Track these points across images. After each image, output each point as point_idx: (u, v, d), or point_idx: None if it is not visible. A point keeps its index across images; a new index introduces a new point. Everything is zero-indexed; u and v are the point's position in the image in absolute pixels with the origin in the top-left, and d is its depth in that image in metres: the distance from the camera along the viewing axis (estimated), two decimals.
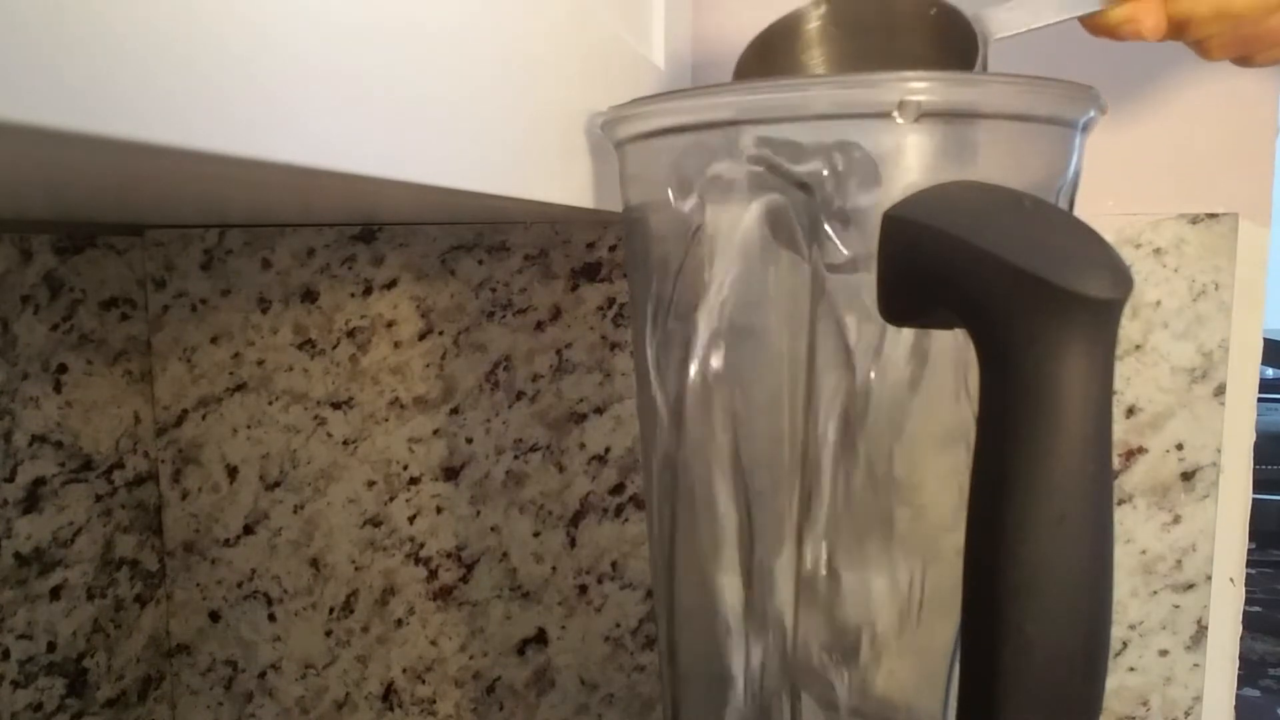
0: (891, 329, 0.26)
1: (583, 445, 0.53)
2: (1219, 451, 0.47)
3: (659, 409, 0.34)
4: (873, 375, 0.30)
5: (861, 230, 0.27)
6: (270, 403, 0.55)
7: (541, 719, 0.55)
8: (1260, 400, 0.48)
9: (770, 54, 0.37)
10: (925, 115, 0.26)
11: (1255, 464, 0.48)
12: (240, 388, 0.55)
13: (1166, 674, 0.49)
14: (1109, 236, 0.47)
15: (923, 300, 0.24)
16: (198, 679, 0.57)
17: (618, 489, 0.53)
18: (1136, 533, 0.48)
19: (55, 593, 0.49)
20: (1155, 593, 0.48)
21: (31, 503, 0.48)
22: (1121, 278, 0.21)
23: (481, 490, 0.54)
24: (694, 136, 0.30)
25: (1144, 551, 0.48)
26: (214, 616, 0.57)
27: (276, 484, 0.55)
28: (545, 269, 0.52)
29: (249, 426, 0.55)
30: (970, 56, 0.33)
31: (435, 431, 0.54)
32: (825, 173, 0.28)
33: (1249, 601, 0.49)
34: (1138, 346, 0.47)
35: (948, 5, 0.35)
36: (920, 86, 0.26)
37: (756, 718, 0.33)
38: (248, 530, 0.56)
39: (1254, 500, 0.48)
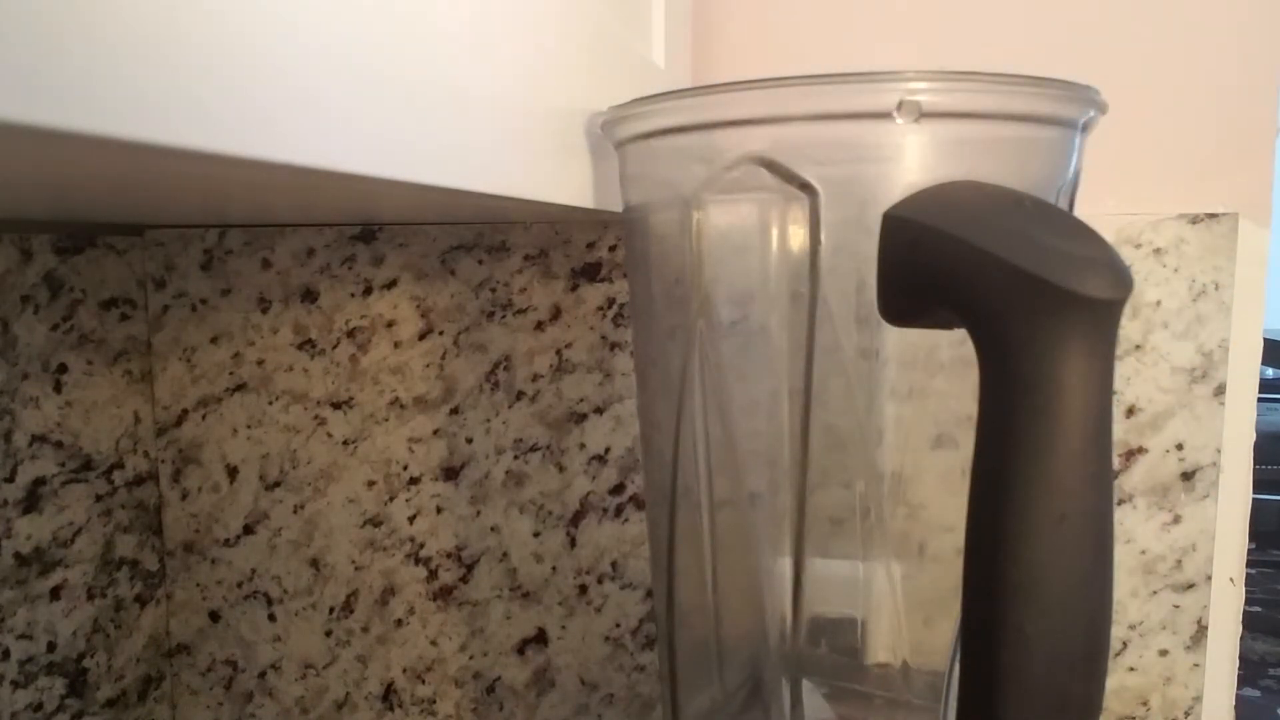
0: (890, 328, 0.26)
1: (583, 445, 0.53)
2: (1219, 451, 0.47)
3: (659, 409, 0.34)
4: (872, 375, 0.30)
5: (861, 232, 0.27)
6: (270, 403, 0.55)
7: (541, 719, 0.55)
8: (1260, 400, 0.48)
9: None
10: (925, 115, 0.26)
11: (1255, 464, 0.48)
12: (240, 388, 0.55)
13: (1166, 674, 0.49)
14: (1109, 236, 0.47)
15: (923, 300, 0.24)
16: (198, 679, 0.57)
17: (618, 489, 0.53)
18: (1136, 533, 0.48)
19: (55, 593, 0.49)
20: (1155, 593, 0.48)
21: (31, 503, 0.48)
22: (1121, 278, 0.22)
23: (481, 490, 0.54)
24: (694, 136, 0.30)
25: (1144, 551, 0.48)
26: (214, 616, 0.57)
27: (276, 484, 0.55)
28: (545, 269, 0.52)
29: (249, 426, 0.55)
30: None
31: (435, 431, 0.54)
32: (826, 172, 0.28)
33: (1249, 601, 0.49)
34: (1138, 346, 0.47)
35: None
36: (920, 86, 0.26)
37: (757, 718, 0.33)
38: (248, 530, 0.56)
39: (1254, 500, 0.48)
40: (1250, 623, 0.49)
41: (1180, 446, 0.47)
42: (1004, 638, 0.21)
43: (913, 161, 0.27)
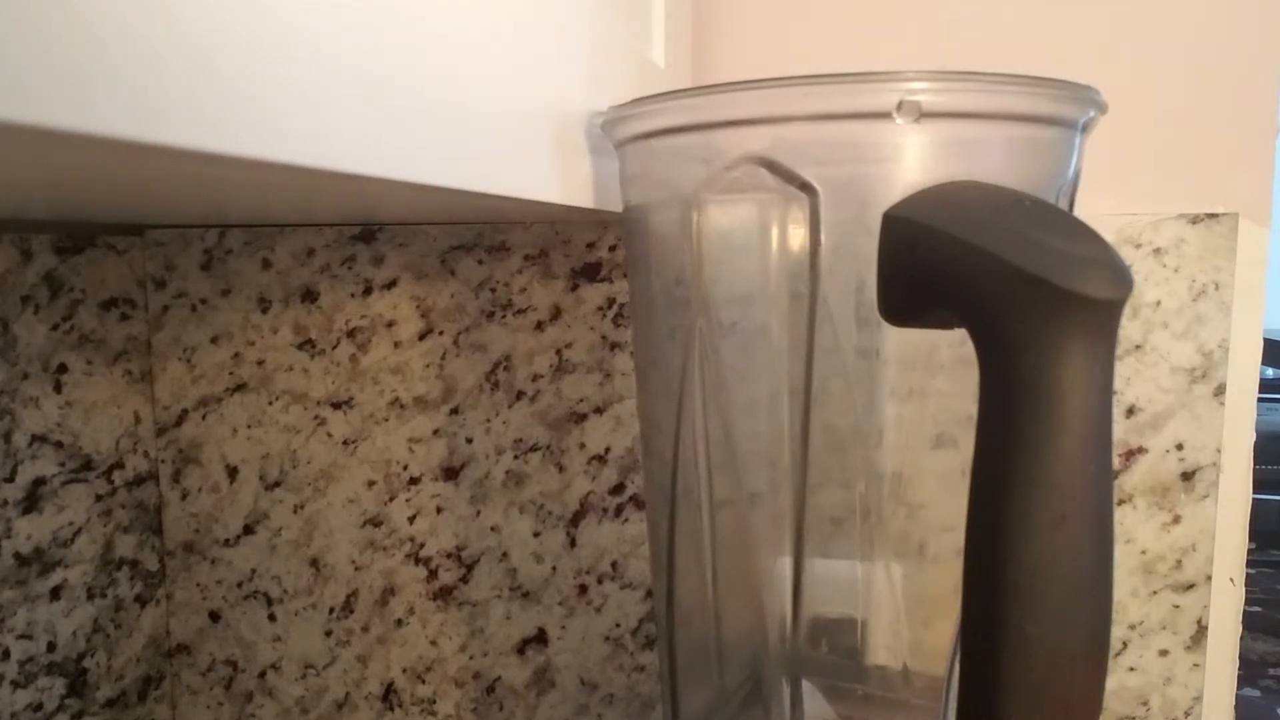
0: (890, 328, 0.26)
1: (583, 445, 0.53)
2: (1219, 451, 0.47)
3: (659, 409, 0.34)
4: (872, 375, 0.30)
5: (861, 232, 0.27)
6: (270, 403, 0.55)
7: (541, 719, 0.55)
8: (1260, 400, 0.48)
9: None
10: (925, 115, 0.26)
11: (1255, 464, 0.48)
12: (240, 388, 0.55)
13: (1166, 674, 0.49)
14: (1109, 236, 0.47)
15: (923, 300, 0.24)
16: (198, 679, 0.57)
17: (618, 489, 0.53)
18: (1136, 533, 0.48)
19: (55, 593, 0.49)
20: (1155, 593, 0.48)
21: (31, 503, 0.48)
22: (1121, 278, 0.22)
23: (481, 490, 0.54)
24: (694, 136, 0.30)
25: (1144, 551, 0.48)
26: (214, 616, 0.57)
27: (276, 484, 0.55)
28: (545, 269, 0.52)
29: (249, 426, 0.55)
30: None
31: (435, 431, 0.54)
32: (826, 172, 0.28)
33: (1249, 601, 0.49)
34: (1138, 346, 0.47)
35: None
36: (920, 86, 0.26)
37: (756, 717, 0.33)
38: (248, 530, 0.56)
39: (1254, 500, 0.48)
40: (1250, 623, 0.49)
41: (1180, 446, 0.47)
42: (1004, 638, 0.21)
43: (913, 161, 0.27)
